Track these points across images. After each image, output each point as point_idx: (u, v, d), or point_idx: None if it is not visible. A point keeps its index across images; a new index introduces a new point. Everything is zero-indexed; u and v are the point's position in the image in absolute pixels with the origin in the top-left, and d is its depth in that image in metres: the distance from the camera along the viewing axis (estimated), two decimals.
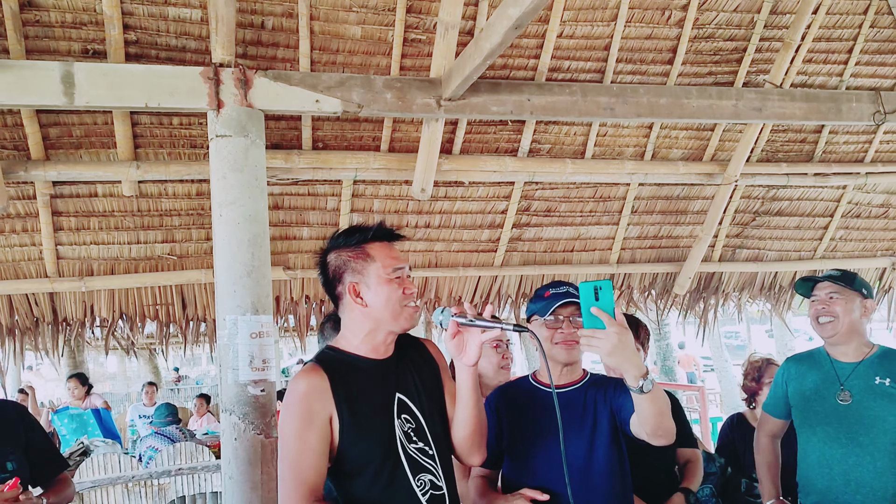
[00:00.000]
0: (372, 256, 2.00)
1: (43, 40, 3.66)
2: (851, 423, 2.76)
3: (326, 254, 2.07)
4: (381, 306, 1.97)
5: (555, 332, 2.34)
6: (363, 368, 2.01)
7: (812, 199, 5.68)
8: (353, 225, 2.12)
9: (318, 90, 3.68)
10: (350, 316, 2.03)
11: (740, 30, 4.60)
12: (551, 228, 5.28)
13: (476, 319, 1.94)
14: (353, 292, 1.99)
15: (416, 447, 2.00)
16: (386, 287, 1.98)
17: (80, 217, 4.31)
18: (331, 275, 2.04)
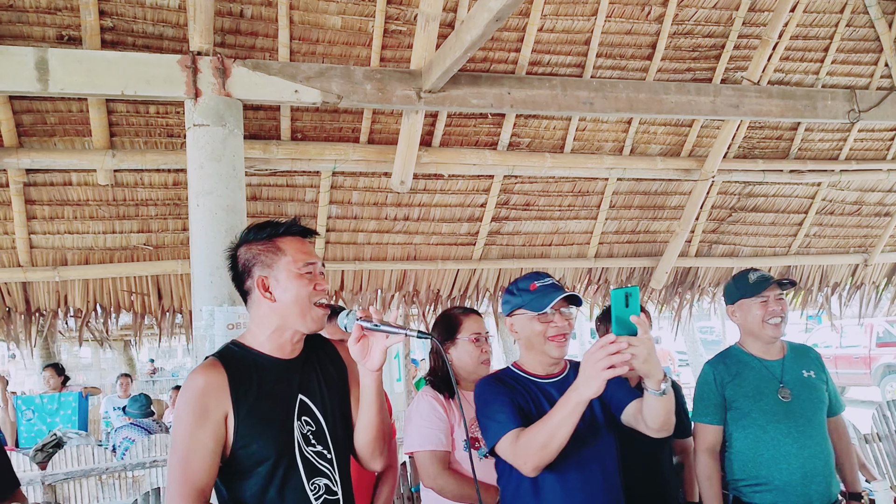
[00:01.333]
0: (282, 250, 1.94)
1: (16, 25, 3.59)
2: (797, 418, 2.84)
3: (237, 248, 2.01)
4: (290, 302, 1.92)
5: (547, 327, 2.31)
6: (266, 367, 1.95)
7: (787, 196, 5.75)
8: (266, 220, 2.04)
9: (297, 80, 3.66)
10: (257, 311, 1.97)
11: (719, 26, 4.64)
12: (530, 222, 5.30)
13: (381, 324, 1.88)
14: (261, 286, 1.93)
15: (314, 450, 1.95)
16: (296, 282, 1.92)
17: (53, 206, 4.25)
18: (240, 268, 1.98)
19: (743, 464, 2.91)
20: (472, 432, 3.08)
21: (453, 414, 3.07)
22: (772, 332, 2.93)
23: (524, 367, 2.43)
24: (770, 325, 2.92)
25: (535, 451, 2.05)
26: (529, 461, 2.07)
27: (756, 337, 2.97)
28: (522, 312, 2.36)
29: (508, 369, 2.48)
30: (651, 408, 2.04)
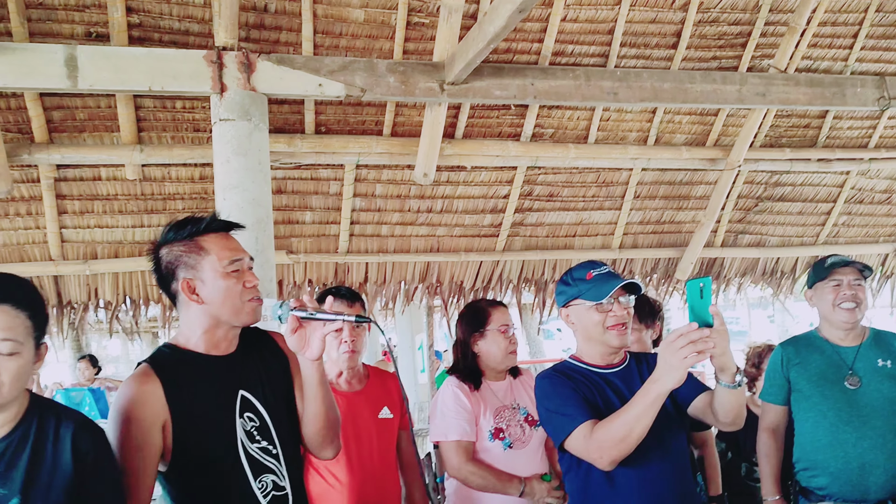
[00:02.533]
0: (206, 249, 1.86)
1: (46, 23, 3.65)
2: (861, 407, 2.78)
3: (158, 249, 1.92)
4: (220, 302, 1.84)
5: (606, 316, 2.27)
6: (202, 366, 1.88)
7: (815, 185, 5.67)
8: (188, 217, 1.95)
9: (321, 74, 3.68)
10: (187, 313, 1.89)
11: (745, 14, 4.58)
12: (553, 213, 5.29)
13: (316, 312, 1.82)
14: (187, 289, 1.85)
15: (259, 447, 1.89)
16: (223, 281, 1.84)
17: (83, 200, 4.33)
18: (164, 271, 1.89)
19: (802, 447, 2.90)
20: (496, 423, 3.10)
21: (478, 404, 3.10)
22: (843, 316, 2.89)
23: (583, 359, 2.38)
24: (841, 310, 2.88)
25: (614, 445, 2.01)
26: (606, 455, 2.03)
27: (830, 322, 2.94)
28: (579, 303, 2.31)
29: (567, 362, 2.43)
30: (724, 401, 2.01)
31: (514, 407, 3.19)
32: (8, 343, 1.54)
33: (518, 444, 3.08)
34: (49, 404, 1.74)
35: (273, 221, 3.67)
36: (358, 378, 2.93)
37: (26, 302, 1.59)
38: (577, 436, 2.12)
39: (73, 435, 1.66)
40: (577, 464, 2.25)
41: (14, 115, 3.92)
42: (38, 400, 1.71)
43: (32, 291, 1.67)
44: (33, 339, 1.61)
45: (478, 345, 3.17)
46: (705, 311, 1.80)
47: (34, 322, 1.61)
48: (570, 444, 2.16)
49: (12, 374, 1.56)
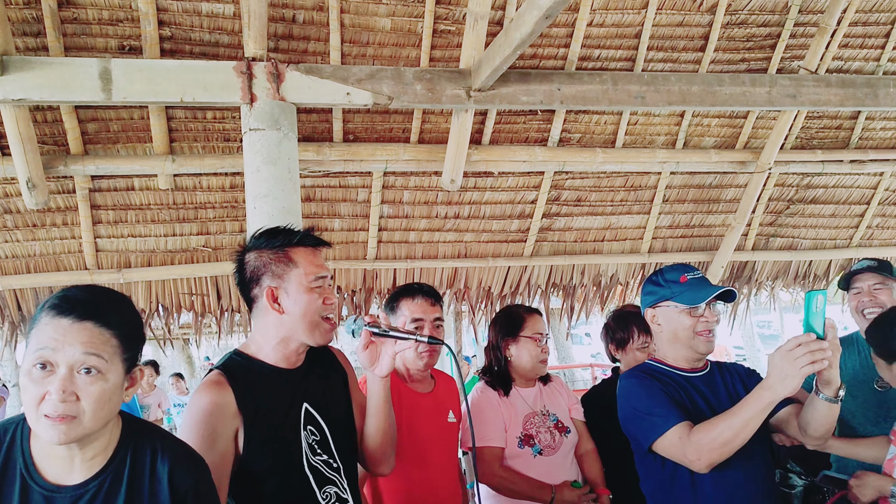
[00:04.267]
0: (295, 262, 1.91)
1: (81, 37, 3.73)
2: (890, 408, 2.76)
3: (245, 253, 1.98)
4: (299, 315, 1.89)
5: (697, 321, 2.28)
6: (271, 378, 1.91)
7: (848, 187, 5.59)
8: (279, 227, 2.02)
9: (348, 83, 3.71)
10: (264, 321, 1.93)
11: (774, 15, 4.53)
12: (581, 218, 5.27)
13: (390, 330, 1.86)
14: (270, 297, 1.89)
15: (321, 459, 1.92)
16: (306, 296, 1.89)
17: (117, 210, 4.40)
18: (248, 275, 1.94)
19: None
20: (525, 429, 3.10)
21: (507, 410, 3.10)
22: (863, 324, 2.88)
23: (667, 362, 2.39)
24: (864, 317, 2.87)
25: (716, 448, 2.01)
26: (705, 457, 2.03)
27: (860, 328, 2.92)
28: (671, 305, 2.32)
29: (649, 364, 2.43)
30: (821, 415, 2.01)
31: (544, 413, 3.19)
32: (90, 359, 1.42)
33: (548, 451, 3.08)
34: (145, 431, 1.61)
35: None
36: (427, 381, 2.90)
37: (115, 320, 1.48)
38: (670, 437, 2.11)
39: (171, 472, 1.55)
40: (660, 467, 2.23)
41: (50, 128, 4.00)
42: (132, 426, 1.60)
43: (123, 308, 1.55)
44: (122, 361, 1.49)
45: (509, 350, 3.18)
46: (820, 323, 1.83)
47: (123, 342, 1.48)
48: (661, 446, 2.15)
49: (94, 399, 1.42)
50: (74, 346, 1.41)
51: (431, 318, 2.80)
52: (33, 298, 4.48)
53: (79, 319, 1.43)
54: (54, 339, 1.41)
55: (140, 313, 1.60)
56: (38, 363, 1.41)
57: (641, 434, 2.22)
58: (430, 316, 2.80)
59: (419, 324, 2.79)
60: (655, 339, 2.46)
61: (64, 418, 1.40)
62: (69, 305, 1.44)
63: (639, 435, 2.23)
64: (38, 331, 1.43)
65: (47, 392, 1.40)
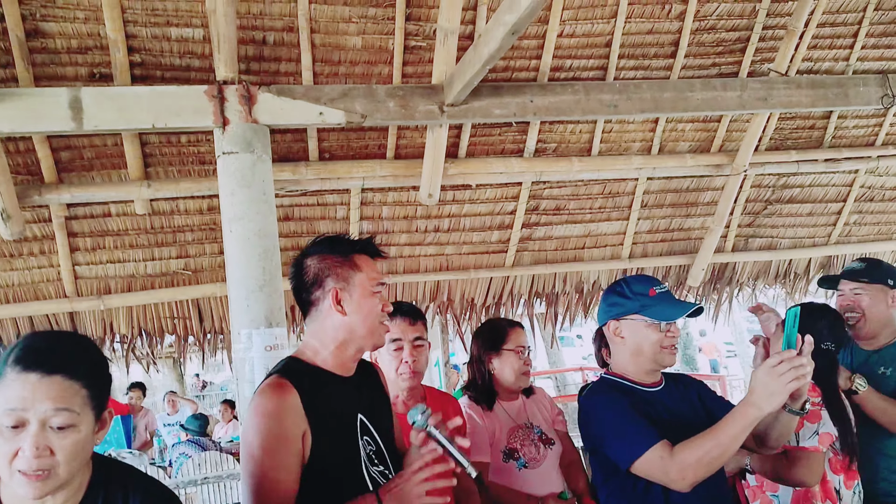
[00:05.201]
0: (359, 267, 1.97)
1: (50, 66, 3.72)
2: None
3: (306, 257, 2.01)
4: (361, 318, 1.93)
5: (664, 336, 2.27)
6: (331, 384, 1.94)
7: (824, 185, 5.64)
8: (340, 234, 2.07)
9: (321, 102, 3.72)
10: (323, 324, 1.96)
11: (742, 20, 4.57)
12: (561, 226, 5.29)
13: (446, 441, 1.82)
14: (334, 298, 1.92)
15: (378, 470, 1.94)
16: (369, 300, 1.95)
17: (95, 237, 4.38)
18: (310, 278, 1.96)
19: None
20: (510, 443, 3.11)
21: (491, 425, 3.10)
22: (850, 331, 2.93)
23: (627, 376, 2.35)
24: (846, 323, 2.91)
25: (702, 466, 1.99)
26: (690, 476, 2.01)
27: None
28: (638, 318, 2.29)
29: (608, 379, 2.39)
30: (784, 426, 2.05)
31: (528, 426, 3.20)
32: (62, 415, 1.41)
33: (533, 464, 3.09)
34: (115, 470, 1.60)
35: (281, 248, 3.69)
36: (416, 399, 2.85)
37: (82, 370, 1.46)
38: (651, 457, 2.07)
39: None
40: (632, 486, 2.19)
41: (23, 158, 3.99)
42: (103, 467, 1.58)
43: (89, 354, 1.53)
44: (92, 409, 1.47)
45: (492, 363, 3.19)
46: (794, 338, 1.89)
47: (92, 391, 1.47)
48: (641, 466, 2.10)
49: (68, 451, 1.42)
50: (44, 403, 1.39)
51: (411, 338, 2.80)
52: (13, 328, 4.44)
53: (47, 374, 1.41)
54: (23, 397, 1.39)
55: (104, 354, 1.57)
56: (8, 424, 1.39)
57: (619, 455, 2.16)
58: (408, 336, 2.80)
59: (398, 344, 2.79)
60: (614, 353, 2.42)
61: (39, 475, 1.39)
62: (35, 359, 1.42)
63: (616, 455, 2.17)
64: (5, 387, 1.41)
65: (20, 448, 1.39)
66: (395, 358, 2.79)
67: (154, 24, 3.72)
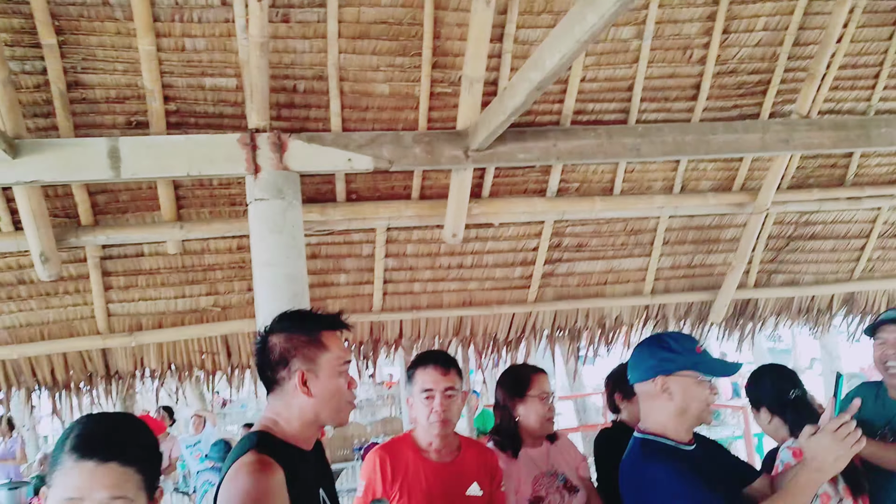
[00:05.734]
0: (326, 346, 1.94)
1: (89, 116, 3.85)
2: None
3: (271, 334, 1.98)
4: (327, 399, 1.92)
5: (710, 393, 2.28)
6: (299, 460, 1.92)
7: (846, 222, 5.64)
8: (302, 310, 2.06)
9: (349, 149, 3.81)
10: (288, 403, 1.94)
11: (764, 63, 4.62)
12: (583, 263, 5.34)
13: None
14: (301, 380, 1.90)
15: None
16: (335, 380, 1.93)
17: (128, 276, 4.50)
18: (276, 357, 1.94)
19: None
20: (535, 491, 3.15)
21: (516, 472, 3.14)
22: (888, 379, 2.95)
23: (668, 435, 2.30)
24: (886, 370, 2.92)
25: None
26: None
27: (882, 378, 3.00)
28: (690, 375, 2.26)
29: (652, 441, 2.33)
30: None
31: (552, 473, 3.23)
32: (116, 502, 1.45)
33: None
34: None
35: (308, 285, 3.78)
36: (449, 448, 2.88)
37: (136, 456, 1.51)
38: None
39: None
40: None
41: (62, 201, 4.12)
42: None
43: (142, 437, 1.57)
44: (145, 491, 1.52)
45: (517, 410, 3.23)
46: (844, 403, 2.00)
47: (146, 474, 1.52)
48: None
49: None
50: (101, 492, 1.45)
51: (442, 388, 2.84)
52: (48, 365, 4.57)
53: (103, 461, 1.45)
54: (79, 487, 1.44)
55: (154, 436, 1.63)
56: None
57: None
58: (440, 386, 2.84)
59: (430, 393, 2.84)
60: (652, 410, 2.37)
61: None
62: (91, 447, 1.47)
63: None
64: (62, 474, 1.46)
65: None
66: (427, 406, 2.84)
67: (189, 74, 3.84)
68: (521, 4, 4.01)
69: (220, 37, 3.76)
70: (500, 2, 3.94)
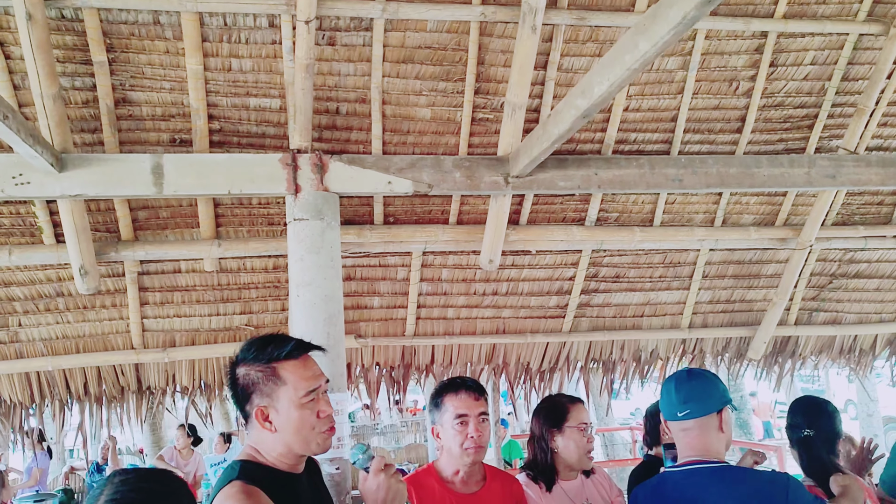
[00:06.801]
0: (282, 379, 1.86)
1: (134, 132, 3.90)
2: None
3: (235, 366, 1.93)
4: (292, 432, 1.85)
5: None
6: (284, 484, 1.88)
7: (892, 261, 5.49)
8: (270, 336, 1.96)
9: (389, 172, 3.81)
10: (260, 436, 1.90)
11: (811, 97, 4.55)
12: (620, 294, 5.25)
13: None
14: (261, 416, 1.85)
15: None
16: (297, 412, 1.85)
17: (164, 292, 4.52)
18: (240, 391, 1.90)
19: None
20: None
21: None
22: None
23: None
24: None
25: None
26: None
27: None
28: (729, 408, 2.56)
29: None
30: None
31: None
32: None
33: None
34: None
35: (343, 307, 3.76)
36: (475, 479, 2.83)
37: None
38: None
39: None
40: None
41: (103, 216, 4.16)
42: None
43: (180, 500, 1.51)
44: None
45: (555, 441, 3.15)
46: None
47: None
48: None
49: None
50: None
51: (476, 414, 2.79)
52: (81, 377, 4.59)
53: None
54: None
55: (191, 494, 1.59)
56: None
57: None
58: (474, 411, 2.79)
59: (463, 419, 2.78)
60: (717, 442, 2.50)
61: None
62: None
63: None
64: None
65: None
66: (460, 433, 2.77)
67: (234, 94, 3.88)
68: (567, 33, 4.00)
69: (266, 58, 3.79)
70: (546, 30, 3.93)
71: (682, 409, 2.47)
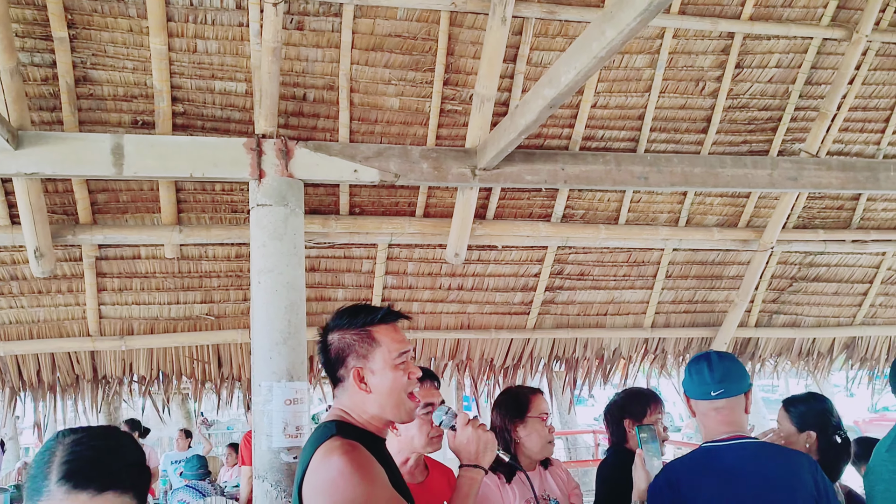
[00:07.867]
0: (378, 341, 1.94)
1: (95, 112, 3.82)
2: None
3: (328, 333, 2.00)
4: (386, 393, 1.93)
5: None
6: (376, 444, 1.95)
7: (850, 266, 5.60)
8: (359, 304, 2.05)
9: (356, 160, 3.77)
10: (353, 399, 1.96)
11: (775, 100, 4.62)
12: (584, 292, 5.28)
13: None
14: (357, 377, 1.92)
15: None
16: (392, 373, 1.93)
17: (123, 278, 4.43)
18: (333, 356, 1.97)
19: None
20: None
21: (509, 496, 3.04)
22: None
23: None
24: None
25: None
26: None
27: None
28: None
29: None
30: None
31: (545, 498, 3.13)
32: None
33: None
34: None
35: (306, 299, 3.71)
36: (420, 468, 2.82)
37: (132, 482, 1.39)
38: None
39: None
40: None
41: (60, 198, 4.07)
42: None
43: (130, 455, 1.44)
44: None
45: (518, 432, 3.13)
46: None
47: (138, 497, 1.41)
48: None
49: None
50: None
51: (439, 402, 2.78)
52: (34, 364, 4.47)
53: (98, 492, 1.33)
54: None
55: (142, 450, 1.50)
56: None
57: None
58: (437, 400, 2.78)
59: (430, 409, 2.76)
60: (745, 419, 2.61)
61: None
62: (84, 476, 1.33)
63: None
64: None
65: None
66: (426, 422, 2.76)
67: (199, 76, 3.82)
68: (537, 27, 4.01)
69: (233, 40, 3.74)
70: (516, 23, 3.94)
71: (717, 389, 2.55)
